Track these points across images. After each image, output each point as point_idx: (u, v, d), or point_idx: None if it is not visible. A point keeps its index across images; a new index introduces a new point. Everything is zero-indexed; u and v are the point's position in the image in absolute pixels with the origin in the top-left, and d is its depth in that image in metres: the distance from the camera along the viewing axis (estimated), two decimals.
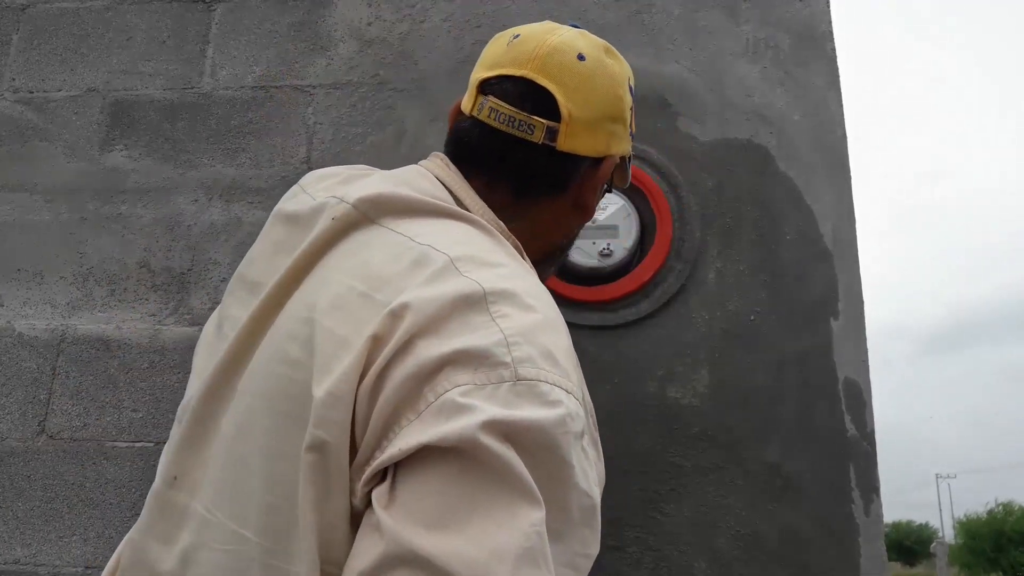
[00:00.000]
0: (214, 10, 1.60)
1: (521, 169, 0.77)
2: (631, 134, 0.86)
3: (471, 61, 1.47)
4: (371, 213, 0.70)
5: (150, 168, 1.52)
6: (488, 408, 0.53)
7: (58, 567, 1.31)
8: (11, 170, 1.55)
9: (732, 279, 1.30)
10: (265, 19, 1.58)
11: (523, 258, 0.76)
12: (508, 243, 0.74)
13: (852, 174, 1.34)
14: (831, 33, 1.41)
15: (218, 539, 0.64)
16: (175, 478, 0.69)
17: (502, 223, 0.76)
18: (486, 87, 0.78)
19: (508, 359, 0.55)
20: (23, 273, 1.49)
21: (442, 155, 0.82)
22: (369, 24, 1.54)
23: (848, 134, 1.35)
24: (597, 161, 0.80)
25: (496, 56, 0.80)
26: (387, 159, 1.44)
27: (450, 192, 0.76)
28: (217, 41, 1.58)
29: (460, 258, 0.63)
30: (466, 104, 0.81)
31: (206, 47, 1.58)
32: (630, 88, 0.83)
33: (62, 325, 1.44)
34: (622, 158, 0.86)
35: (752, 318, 1.28)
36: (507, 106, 0.76)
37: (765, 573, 1.17)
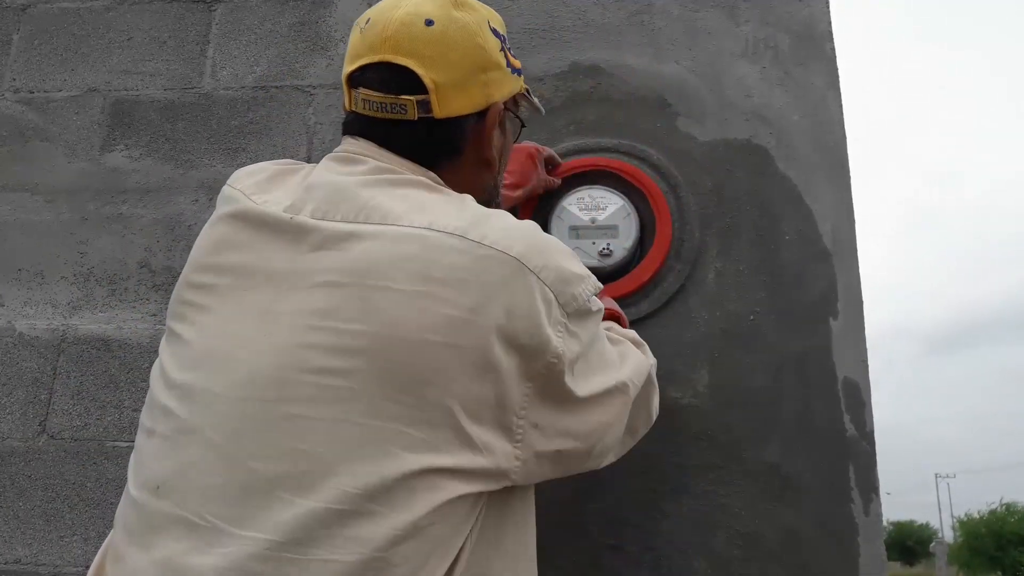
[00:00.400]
0: (214, 10, 1.60)
1: (414, 145, 0.80)
2: (515, 70, 0.87)
3: None
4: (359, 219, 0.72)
5: (151, 168, 1.52)
6: None
7: (59, 567, 1.31)
8: (12, 170, 1.56)
9: (732, 279, 1.30)
10: (265, 19, 1.58)
11: None
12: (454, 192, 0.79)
13: (861, 175, 1.34)
14: (830, 33, 1.41)
15: (213, 543, 0.64)
16: (158, 487, 0.69)
17: (435, 175, 0.80)
18: (353, 80, 0.81)
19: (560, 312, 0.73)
20: (24, 273, 1.49)
21: (352, 138, 0.83)
22: None
23: (856, 135, 1.35)
24: (481, 115, 0.82)
25: (355, 47, 0.81)
26: None
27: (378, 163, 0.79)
28: (217, 41, 1.58)
29: (468, 230, 0.70)
30: (345, 102, 0.83)
31: (206, 47, 1.59)
32: (493, 31, 0.83)
33: (63, 325, 1.44)
34: (516, 97, 0.89)
35: (752, 318, 1.28)
36: (375, 93, 0.78)
37: (765, 573, 1.17)
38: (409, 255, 0.68)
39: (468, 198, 0.78)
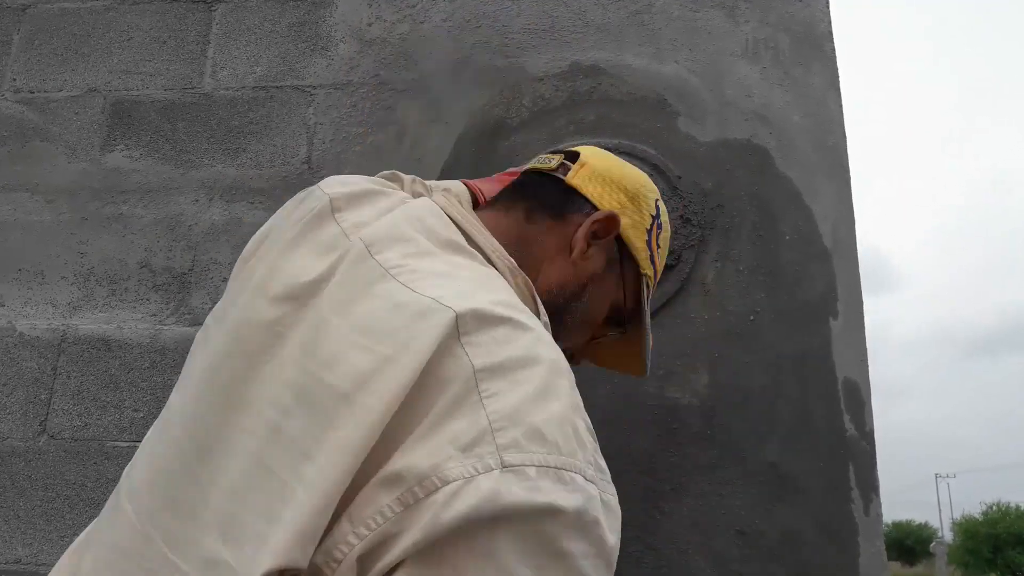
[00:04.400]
0: (215, 10, 1.60)
1: (533, 191, 0.86)
2: (651, 253, 0.88)
3: (471, 61, 1.48)
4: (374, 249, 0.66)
5: (151, 168, 1.52)
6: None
7: None
8: (12, 170, 1.56)
9: (731, 279, 1.30)
10: (266, 19, 1.58)
11: (534, 300, 0.74)
12: (514, 280, 0.73)
13: (900, 180, 1.34)
14: (830, 33, 1.41)
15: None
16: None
17: (512, 260, 0.75)
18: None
19: (492, 447, 0.52)
20: (24, 273, 1.49)
21: (459, 189, 0.87)
22: (369, 24, 1.54)
23: (895, 138, 1.35)
24: (596, 210, 0.84)
25: None
26: (387, 159, 1.44)
27: (460, 229, 0.74)
28: (218, 41, 1.58)
29: (467, 319, 0.58)
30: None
31: (207, 47, 1.59)
32: (656, 210, 0.90)
33: (63, 325, 1.44)
34: (638, 273, 0.87)
35: (751, 318, 1.28)
36: (546, 154, 0.90)
37: (765, 572, 1.17)
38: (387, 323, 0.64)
39: (539, 309, 0.73)
